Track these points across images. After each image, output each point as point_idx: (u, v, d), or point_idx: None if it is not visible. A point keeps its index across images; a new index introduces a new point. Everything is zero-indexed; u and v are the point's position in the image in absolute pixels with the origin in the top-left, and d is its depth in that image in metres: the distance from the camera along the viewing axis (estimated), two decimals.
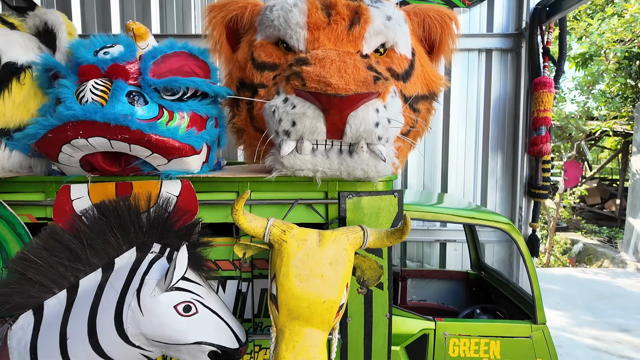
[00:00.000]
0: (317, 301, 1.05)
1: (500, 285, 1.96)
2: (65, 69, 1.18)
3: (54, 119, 1.07)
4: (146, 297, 1.07)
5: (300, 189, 1.29)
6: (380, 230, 1.15)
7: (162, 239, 1.16)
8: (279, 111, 1.12)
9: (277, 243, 1.10)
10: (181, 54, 1.27)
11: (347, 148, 1.18)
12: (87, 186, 1.23)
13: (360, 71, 1.06)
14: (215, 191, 1.30)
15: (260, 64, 1.23)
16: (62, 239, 1.11)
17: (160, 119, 1.16)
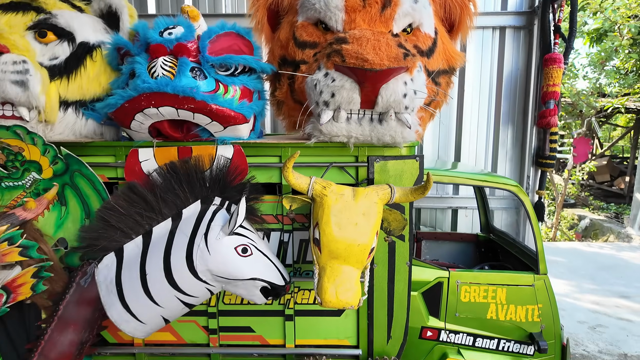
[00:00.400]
0: (352, 245, 1.26)
1: (507, 245, 2.16)
2: (135, 48, 1.36)
3: (131, 91, 1.26)
4: (212, 240, 1.29)
5: (334, 153, 1.48)
6: (405, 188, 1.35)
7: (222, 194, 1.38)
8: (320, 84, 1.30)
9: (318, 197, 1.30)
10: (231, 34, 1.45)
11: (378, 117, 1.36)
12: (153, 150, 1.44)
13: (392, 48, 1.23)
14: (261, 155, 1.50)
15: (302, 43, 1.40)
16: (139, 192, 1.33)
17: (218, 92, 1.36)
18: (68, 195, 1.41)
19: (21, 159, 1.36)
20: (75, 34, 1.43)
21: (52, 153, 1.36)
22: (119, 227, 1.33)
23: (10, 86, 1.29)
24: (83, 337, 1.46)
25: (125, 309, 1.31)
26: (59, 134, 1.44)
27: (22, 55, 1.32)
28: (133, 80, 1.30)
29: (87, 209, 1.43)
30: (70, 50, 1.42)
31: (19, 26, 1.38)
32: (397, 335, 1.60)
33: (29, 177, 1.38)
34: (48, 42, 1.41)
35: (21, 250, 1.34)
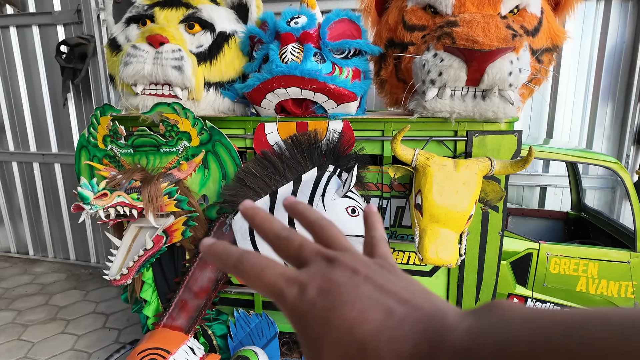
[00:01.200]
0: (452, 211, 1.42)
1: (601, 223, 2.15)
2: (266, 36, 1.60)
3: (266, 74, 1.51)
4: (328, 200, 1.52)
5: (434, 128, 1.62)
6: (505, 161, 1.46)
7: (335, 162, 1.60)
8: (428, 64, 1.43)
9: (422, 167, 1.46)
10: (344, 20, 1.63)
11: (481, 93, 1.47)
12: (276, 124, 1.70)
13: (501, 30, 1.32)
14: (365, 129, 1.69)
15: (411, 26, 1.54)
16: (270, 159, 1.60)
17: (335, 73, 1.56)
18: (210, 160, 1.73)
19: (176, 130, 1.69)
20: (215, 24, 1.71)
21: (199, 125, 1.67)
22: (252, 187, 1.62)
23: (170, 70, 1.60)
24: (218, 276, 1.81)
25: None
26: (202, 110, 1.75)
27: (178, 45, 1.63)
28: (267, 64, 1.55)
29: (224, 172, 1.74)
30: (212, 39, 1.70)
31: (174, 20, 1.69)
32: (484, 299, 1.74)
33: (181, 145, 1.72)
34: (195, 33, 1.70)
35: (176, 202, 1.69)
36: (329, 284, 0.29)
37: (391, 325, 0.26)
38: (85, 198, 1.47)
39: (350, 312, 0.27)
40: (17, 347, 2.44)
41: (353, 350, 0.26)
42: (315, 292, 0.29)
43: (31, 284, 3.28)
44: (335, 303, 0.28)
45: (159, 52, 1.61)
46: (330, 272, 0.30)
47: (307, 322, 0.28)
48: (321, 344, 0.28)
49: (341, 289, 0.28)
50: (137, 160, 1.79)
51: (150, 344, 1.72)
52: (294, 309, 0.29)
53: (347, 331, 0.27)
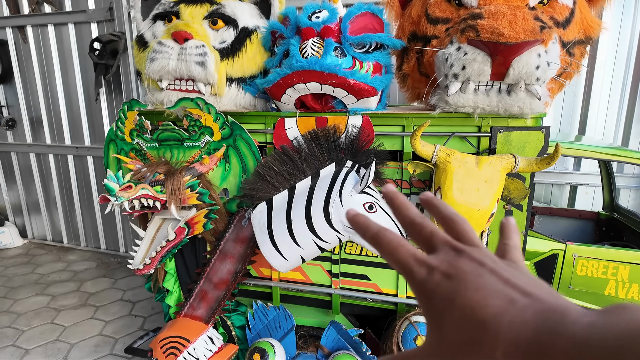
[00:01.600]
0: (473, 209, 1.38)
1: (635, 225, 2.04)
2: (287, 31, 1.61)
3: (286, 69, 1.51)
4: (346, 196, 1.52)
5: (457, 123, 1.58)
6: (530, 158, 1.40)
7: (354, 157, 1.59)
8: (451, 57, 1.39)
9: (442, 163, 1.43)
10: (366, 14, 1.60)
11: (506, 88, 1.42)
12: (296, 119, 1.70)
13: (529, 22, 1.27)
14: (385, 125, 1.67)
15: (435, 19, 1.50)
16: (288, 154, 1.61)
17: (355, 68, 1.54)
18: (231, 154, 1.76)
19: (199, 125, 1.73)
20: (238, 20, 1.73)
21: (221, 120, 1.70)
22: (270, 181, 1.64)
23: (194, 66, 1.63)
24: (237, 268, 1.85)
25: (274, 247, 1.63)
26: (225, 105, 1.77)
27: (202, 41, 1.66)
28: (287, 59, 1.55)
29: (245, 166, 1.76)
30: (234, 34, 1.72)
31: (198, 16, 1.72)
32: None
33: (204, 139, 1.75)
34: (218, 29, 1.73)
35: (198, 195, 1.73)
36: (455, 270, 0.32)
37: (512, 312, 0.28)
38: (111, 190, 1.53)
39: (473, 295, 0.30)
40: (50, 330, 2.58)
41: (472, 328, 0.29)
42: (441, 275, 0.32)
43: (64, 270, 3.45)
44: (460, 287, 0.31)
45: (183, 48, 1.65)
46: (457, 260, 0.33)
47: (432, 300, 0.32)
48: (443, 320, 0.31)
49: (466, 276, 0.31)
50: (162, 154, 1.84)
51: (172, 332, 1.78)
52: (420, 287, 0.33)
53: (469, 311, 0.29)
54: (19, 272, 3.41)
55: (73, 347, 2.41)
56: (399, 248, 0.36)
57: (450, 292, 0.31)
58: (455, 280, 0.32)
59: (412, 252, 0.35)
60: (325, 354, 1.78)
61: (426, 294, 0.33)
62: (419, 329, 1.60)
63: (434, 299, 0.32)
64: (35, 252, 3.85)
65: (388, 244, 0.36)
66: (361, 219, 0.40)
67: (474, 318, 0.29)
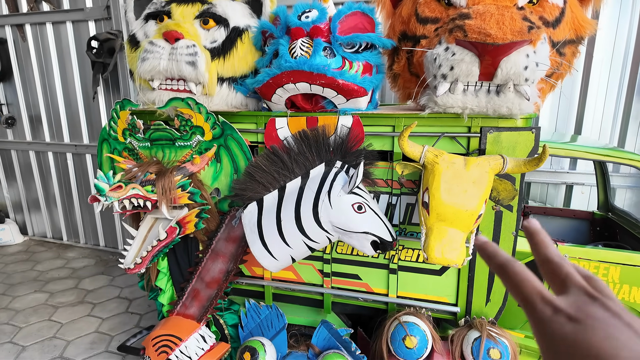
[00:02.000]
0: (460, 210, 1.38)
1: (628, 225, 2.03)
2: (277, 31, 1.60)
3: (275, 69, 1.51)
4: (334, 196, 1.52)
5: (446, 124, 1.57)
6: (518, 159, 1.40)
7: (343, 158, 1.59)
8: (440, 58, 1.39)
9: (430, 164, 1.43)
10: (356, 13, 1.60)
11: (495, 88, 1.41)
12: (287, 119, 1.70)
13: (517, 22, 1.26)
14: (375, 125, 1.66)
15: (424, 19, 1.49)
16: (279, 154, 1.61)
17: (344, 68, 1.54)
18: (222, 154, 1.76)
19: (190, 124, 1.73)
20: (229, 20, 1.73)
21: (212, 120, 1.71)
22: (261, 181, 1.64)
23: (185, 66, 1.63)
24: (229, 267, 1.86)
25: (264, 247, 1.64)
26: (216, 105, 1.78)
27: (192, 40, 1.66)
28: (276, 59, 1.55)
29: (236, 166, 1.77)
30: (225, 34, 1.72)
31: (189, 16, 1.72)
32: (496, 300, 1.69)
33: (195, 139, 1.76)
34: (209, 28, 1.73)
35: (189, 195, 1.74)
36: (584, 315, 0.31)
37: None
38: (101, 190, 1.54)
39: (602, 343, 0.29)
40: (47, 327, 2.61)
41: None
42: (566, 318, 0.32)
43: (63, 267, 3.48)
44: (587, 332, 0.30)
45: (174, 48, 1.65)
46: (588, 306, 0.32)
47: (552, 341, 0.32)
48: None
49: (596, 323, 0.31)
50: (154, 153, 1.85)
51: (164, 330, 1.79)
52: (541, 325, 0.33)
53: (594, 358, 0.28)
54: (18, 269, 3.45)
55: (69, 344, 2.44)
56: (525, 282, 0.35)
57: (575, 336, 0.30)
58: (582, 325, 0.31)
59: (539, 289, 0.35)
60: (316, 352, 1.79)
61: (547, 334, 0.32)
62: (408, 329, 1.61)
63: (555, 340, 0.32)
64: (35, 249, 3.89)
65: (515, 275, 0.36)
66: (490, 247, 0.39)
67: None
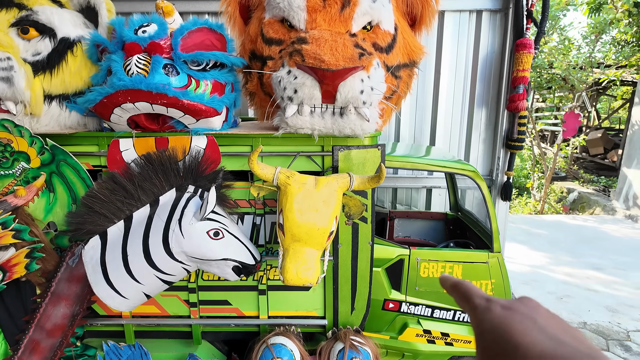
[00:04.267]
0: (313, 229, 1.40)
1: (471, 223, 2.32)
2: (112, 45, 1.44)
3: (108, 88, 1.36)
4: (186, 225, 1.42)
5: (301, 143, 1.59)
6: (363, 177, 1.47)
7: (195, 182, 1.50)
8: (283, 81, 1.39)
9: (283, 186, 1.43)
10: (203, 29, 1.52)
11: (339, 110, 1.47)
12: (133, 140, 1.55)
13: (348, 49, 1.32)
14: (233, 145, 1.61)
15: (269, 40, 1.48)
16: (119, 181, 1.46)
17: (189, 87, 1.45)
18: (55, 182, 1.54)
19: (10, 150, 1.47)
20: (56, 29, 1.51)
21: (38, 144, 1.47)
22: (102, 212, 1.46)
23: None
24: (74, 311, 1.63)
25: (110, 286, 1.47)
26: (45, 126, 1.54)
27: (7, 52, 1.41)
28: (110, 77, 1.40)
29: (74, 195, 1.56)
30: (52, 45, 1.50)
31: (2, 23, 1.46)
32: (360, 307, 1.78)
33: (19, 167, 1.50)
34: (30, 39, 1.49)
35: (14, 233, 1.48)
36: (511, 307, 0.39)
37: (556, 355, 0.32)
38: None
39: (522, 335, 0.35)
40: None
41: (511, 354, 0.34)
42: (497, 308, 0.39)
43: None
44: (513, 324, 0.36)
45: None
46: (516, 302, 0.40)
47: (483, 327, 0.38)
48: (489, 349, 0.36)
49: (522, 316, 0.37)
50: None
51: None
52: (476, 313, 0.41)
53: (513, 347, 0.34)
54: None
55: None
56: (471, 289, 0.44)
57: (501, 324, 0.37)
58: (509, 316, 0.37)
59: (481, 292, 0.44)
60: None
61: (479, 323, 0.39)
62: (275, 351, 1.59)
63: (485, 328, 0.38)
64: None
65: (464, 288, 0.45)
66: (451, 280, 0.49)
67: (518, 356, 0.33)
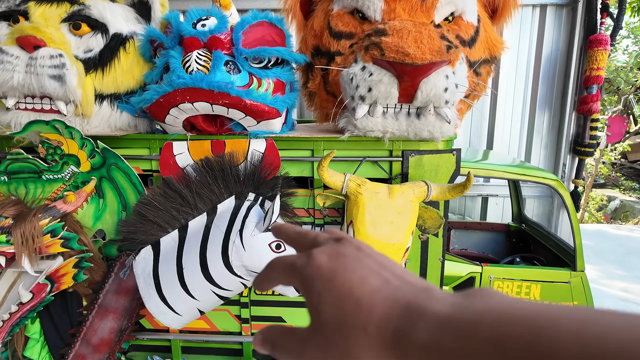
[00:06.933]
0: (387, 244, 1.25)
1: (540, 236, 2.11)
2: (168, 40, 1.34)
3: (166, 86, 1.25)
4: (247, 237, 1.29)
5: (367, 147, 1.44)
6: (443, 185, 1.31)
7: (256, 189, 1.37)
8: (356, 78, 1.25)
9: (352, 195, 1.28)
10: (263, 24, 1.40)
11: (415, 111, 1.31)
12: (187, 143, 1.44)
13: (435, 41, 1.17)
14: (293, 149, 1.48)
15: (337, 33, 1.34)
16: (175, 187, 1.34)
17: (251, 86, 1.33)
18: (105, 188, 1.44)
19: (60, 153, 1.38)
20: (108, 25, 1.42)
21: (89, 147, 1.38)
22: (155, 221, 1.35)
23: (48, 81, 1.29)
24: (122, 325, 1.52)
25: (163, 301, 1.35)
26: (95, 127, 1.45)
27: (59, 49, 1.32)
28: (168, 74, 1.29)
29: (124, 201, 1.45)
30: (104, 42, 1.41)
31: (54, 18, 1.37)
32: None
33: (68, 170, 1.41)
34: (82, 35, 1.40)
35: (63, 242, 1.38)
36: (335, 253, 0.35)
37: (387, 290, 0.31)
38: None
39: (352, 275, 0.33)
40: None
41: (350, 305, 0.31)
42: (321, 258, 0.35)
43: None
44: (339, 267, 0.34)
45: (33, 58, 1.30)
46: (337, 246, 0.37)
47: (312, 282, 0.34)
48: (322, 300, 0.33)
49: (346, 258, 0.35)
50: (13, 190, 1.45)
51: None
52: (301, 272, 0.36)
53: (347, 289, 0.32)
54: None
55: None
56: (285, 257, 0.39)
57: (330, 272, 0.33)
58: (335, 261, 0.34)
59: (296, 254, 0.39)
60: None
61: (307, 279, 0.34)
62: None
63: (313, 281, 0.34)
64: None
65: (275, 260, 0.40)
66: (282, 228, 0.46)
67: (351, 296, 0.31)
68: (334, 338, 0.31)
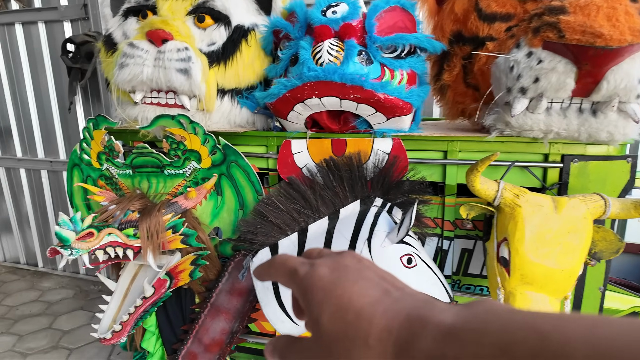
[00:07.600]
0: (554, 270, 1.02)
1: None
2: (294, 30, 1.24)
3: (295, 80, 1.14)
4: (377, 247, 1.15)
5: (516, 149, 1.22)
6: (625, 200, 1.05)
7: (385, 194, 1.23)
8: (519, 66, 1.04)
9: (508, 207, 1.07)
10: (396, 9, 1.24)
11: (590, 106, 1.07)
12: (306, 142, 1.34)
13: (635, 18, 0.92)
14: (421, 149, 1.31)
15: (490, 15, 1.14)
16: (299, 188, 1.25)
17: (384, 78, 1.18)
18: (224, 185, 1.39)
19: (183, 148, 1.36)
20: (231, 17, 1.36)
21: (211, 143, 1.33)
22: (276, 222, 1.27)
23: (175, 75, 1.27)
24: (234, 327, 1.48)
25: (281, 308, 1.26)
26: (215, 123, 1.41)
27: (185, 42, 1.29)
28: (296, 67, 1.19)
29: (241, 200, 1.40)
30: (226, 34, 1.36)
31: (180, 11, 1.35)
32: None
33: (189, 166, 1.38)
34: (206, 27, 1.36)
35: (182, 238, 1.36)
36: (337, 265, 0.35)
37: (387, 302, 0.31)
38: (64, 240, 1.16)
39: (352, 287, 0.32)
40: None
41: (350, 316, 0.30)
42: (323, 270, 0.35)
43: (37, 301, 3.05)
44: (340, 278, 0.33)
45: (161, 52, 1.28)
46: (339, 258, 0.36)
47: (313, 292, 0.33)
48: (322, 311, 0.32)
49: (347, 269, 0.34)
50: (137, 183, 1.46)
51: None
52: (302, 281, 0.35)
53: (347, 300, 0.31)
54: None
55: None
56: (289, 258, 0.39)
57: (330, 283, 0.33)
58: (336, 272, 0.34)
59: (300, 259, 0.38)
60: None
61: (308, 288, 0.34)
62: None
63: (314, 291, 0.33)
64: (5, 278, 3.44)
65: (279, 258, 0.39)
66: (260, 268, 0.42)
67: (351, 307, 0.31)
68: (336, 348, 0.31)
